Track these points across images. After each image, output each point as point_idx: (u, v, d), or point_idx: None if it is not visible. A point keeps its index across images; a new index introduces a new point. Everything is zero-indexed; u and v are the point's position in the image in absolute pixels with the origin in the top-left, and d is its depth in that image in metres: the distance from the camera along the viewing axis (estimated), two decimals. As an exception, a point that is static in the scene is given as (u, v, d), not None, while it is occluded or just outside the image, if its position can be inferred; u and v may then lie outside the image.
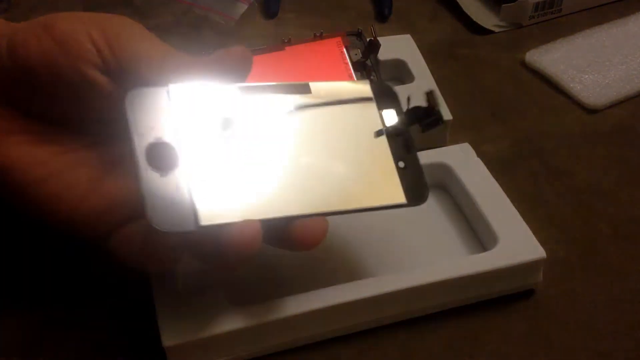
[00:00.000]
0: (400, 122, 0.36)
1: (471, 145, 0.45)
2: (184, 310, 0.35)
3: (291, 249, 0.33)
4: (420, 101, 0.37)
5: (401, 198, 0.34)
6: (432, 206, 0.44)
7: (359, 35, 0.53)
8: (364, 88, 0.36)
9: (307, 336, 0.37)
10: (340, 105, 0.35)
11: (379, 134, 0.35)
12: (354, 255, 0.41)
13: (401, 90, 0.49)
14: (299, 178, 0.33)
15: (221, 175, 0.31)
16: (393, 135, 0.36)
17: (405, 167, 0.35)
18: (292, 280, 0.39)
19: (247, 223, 0.30)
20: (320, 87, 0.35)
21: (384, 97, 0.37)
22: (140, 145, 0.29)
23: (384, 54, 0.52)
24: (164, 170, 0.29)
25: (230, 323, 0.34)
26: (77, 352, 0.36)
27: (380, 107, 0.36)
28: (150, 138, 0.30)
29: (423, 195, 0.35)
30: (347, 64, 0.51)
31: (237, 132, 0.32)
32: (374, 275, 0.37)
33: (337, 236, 0.42)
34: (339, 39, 0.51)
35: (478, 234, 0.42)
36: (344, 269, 0.40)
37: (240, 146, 0.32)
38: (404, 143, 0.36)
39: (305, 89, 0.35)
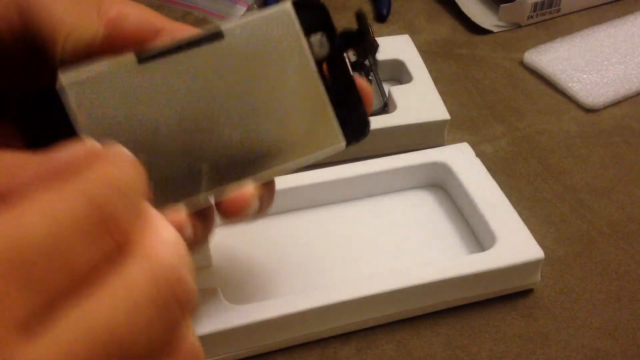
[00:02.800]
0: (331, 47, 0.30)
1: (470, 145, 0.45)
2: (182, 309, 0.35)
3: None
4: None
5: (338, 140, 0.30)
6: (430, 205, 0.44)
7: (357, 35, 0.53)
8: (284, 17, 0.30)
9: (306, 334, 0.37)
10: (261, 45, 0.30)
11: (305, 65, 0.30)
12: (352, 254, 0.41)
13: (400, 90, 0.50)
14: (219, 148, 0.29)
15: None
16: (326, 65, 0.30)
17: (341, 102, 0.30)
18: (290, 278, 0.39)
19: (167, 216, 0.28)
20: (235, 30, 0.29)
21: (312, 18, 0.30)
22: None
23: (382, 54, 0.53)
24: None
25: (229, 321, 0.35)
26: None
27: (308, 33, 0.30)
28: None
29: (363, 130, 0.31)
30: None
31: (147, 106, 0.28)
32: (372, 274, 0.37)
33: (335, 235, 0.42)
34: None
35: (476, 234, 0.42)
36: (342, 267, 0.40)
37: (152, 122, 0.28)
38: (338, 72, 0.30)
39: (217, 37, 0.29)
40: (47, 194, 0.18)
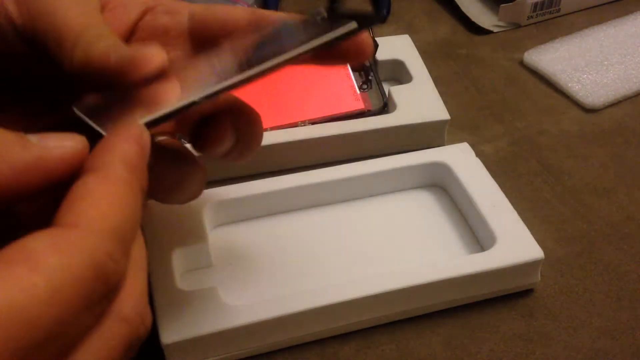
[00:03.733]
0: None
1: (470, 145, 0.45)
2: (182, 308, 0.35)
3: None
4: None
5: (352, 24, 0.28)
6: (430, 206, 0.44)
7: (357, 35, 0.53)
8: None
9: (305, 335, 0.37)
10: None
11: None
12: (352, 254, 0.41)
13: (399, 90, 0.50)
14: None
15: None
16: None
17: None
18: (290, 278, 0.39)
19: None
20: None
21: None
22: None
23: (382, 54, 0.53)
24: None
25: (228, 321, 0.35)
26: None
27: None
28: None
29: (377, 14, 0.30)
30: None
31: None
32: (372, 274, 0.37)
33: (335, 235, 0.42)
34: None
35: (476, 234, 0.42)
36: (342, 267, 0.40)
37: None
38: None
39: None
40: (53, 258, 0.18)
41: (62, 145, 0.22)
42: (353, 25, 0.28)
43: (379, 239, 0.42)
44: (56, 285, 0.17)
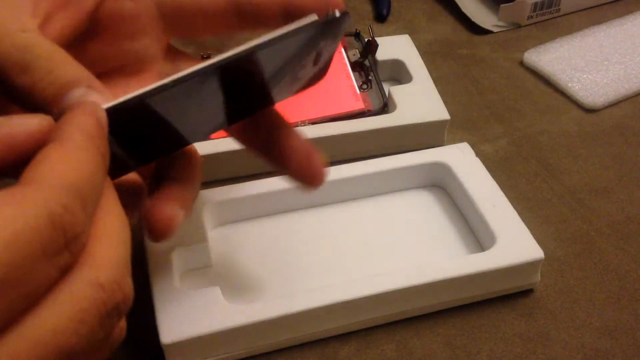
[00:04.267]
0: None
1: (470, 145, 0.45)
2: (182, 308, 0.35)
3: None
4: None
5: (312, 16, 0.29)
6: (430, 206, 0.44)
7: (357, 35, 0.53)
8: None
9: (305, 334, 0.37)
10: None
11: None
12: (352, 254, 0.41)
13: (400, 90, 0.50)
14: None
15: None
16: None
17: None
18: (290, 278, 0.39)
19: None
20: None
21: None
22: None
23: (382, 54, 0.53)
24: None
25: (228, 321, 0.35)
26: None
27: None
28: None
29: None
30: (345, 64, 0.51)
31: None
32: (372, 274, 0.37)
33: (335, 235, 0.42)
34: (337, 39, 0.51)
35: (476, 234, 0.42)
36: (342, 267, 0.40)
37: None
38: None
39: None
40: (7, 208, 0.18)
41: (28, 122, 0.23)
42: (313, 17, 0.28)
43: (379, 239, 0.42)
44: (11, 231, 0.18)
